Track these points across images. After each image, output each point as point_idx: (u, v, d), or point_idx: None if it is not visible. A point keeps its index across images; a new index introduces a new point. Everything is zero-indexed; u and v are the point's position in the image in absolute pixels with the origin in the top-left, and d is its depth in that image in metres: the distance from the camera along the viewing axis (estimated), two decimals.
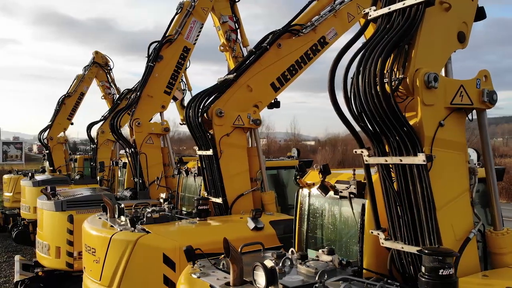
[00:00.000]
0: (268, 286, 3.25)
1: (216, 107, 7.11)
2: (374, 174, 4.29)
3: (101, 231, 6.31)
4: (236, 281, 3.65)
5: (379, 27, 4.08)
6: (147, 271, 5.74)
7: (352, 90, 3.82)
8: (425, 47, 3.85)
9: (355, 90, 3.79)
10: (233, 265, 3.66)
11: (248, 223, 6.30)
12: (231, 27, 11.20)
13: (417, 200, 3.78)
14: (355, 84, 3.79)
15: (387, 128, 3.74)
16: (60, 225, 8.89)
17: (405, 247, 3.95)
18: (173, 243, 5.75)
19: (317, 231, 5.21)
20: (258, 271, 3.35)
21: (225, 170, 7.16)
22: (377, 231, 4.18)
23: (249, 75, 7.43)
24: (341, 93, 4.00)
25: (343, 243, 4.94)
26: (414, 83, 3.74)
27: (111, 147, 16.61)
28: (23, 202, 15.49)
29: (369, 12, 4.22)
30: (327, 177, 4.83)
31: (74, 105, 19.55)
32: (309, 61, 7.96)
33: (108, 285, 5.96)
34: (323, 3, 8.11)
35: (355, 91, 3.79)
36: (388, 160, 3.90)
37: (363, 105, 3.75)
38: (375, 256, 4.42)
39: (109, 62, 19.58)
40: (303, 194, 5.29)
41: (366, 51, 3.85)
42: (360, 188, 4.48)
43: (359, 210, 4.52)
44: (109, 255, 5.94)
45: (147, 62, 10.57)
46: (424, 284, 3.26)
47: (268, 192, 7.55)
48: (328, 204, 5.08)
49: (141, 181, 10.10)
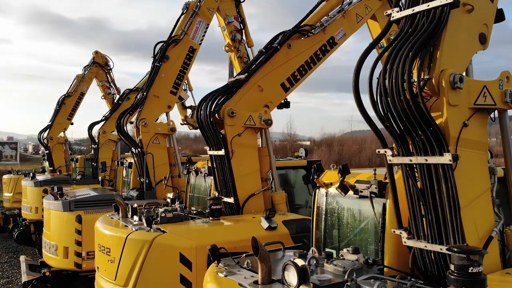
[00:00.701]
0: (300, 285, 3.29)
1: (228, 107, 7.14)
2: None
3: (116, 231, 6.31)
4: (265, 280, 3.68)
5: (403, 28, 4.13)
6: (163, 271, 5.76)
7: (378, 91, 3.86)
8: (450, 48, 3.91)
9: (381, 90, 3.84)
10: (261, 264, 3.69)
11: (262, 222, 6.33)
12: (236, 28, 11.23)
13: (442, 199, 3.83)
14: (381, 85, 3.84)
15: (413, 128, 3.79)
16: (68, 225, 8.88)
17: (428, 245, 4.00)
18: (189, 242, 5.77)
19: (335, 230, 5.25)
20: (289, 270, 3.38)
21: (236, 170, 7.18)
22: (399, 230, 4.23)
23: (260, 75, 7.46)
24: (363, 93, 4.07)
25: (362, 243, 4.99)
26: (440, 84, 3.80)
27: (112, 147, 16.61)
28: (24, 203, 15.43)
29: (391, 13, 4.26)
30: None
31: (74, 105, 19.53)
32: (318, 61, 8.00)
33: (123, 284, 5.97)
34: (332, 3, 8.17)
35: (381, 91, 3.84)
36: (412, 160, 3.95)
37: (390, 105, 3.80)
38: (396, 254, 4.47)
39: (109, 62, 19.58)
40: (321, 194, 5.33)
41: (392, 52, 3.90)
42: (381, 187, 4.52)
43: (379, 209, 4.57)
44: (124, 254, 5.95)
45: (153, 62, 10.59)
46: (454, 282, 3.31)
47: (279, 192, 7.59)
48: (346, 203, 5.12)
49: (147, 181, 10.11)
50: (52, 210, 9.29)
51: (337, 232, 5.27)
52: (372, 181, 4.59)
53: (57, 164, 19.16)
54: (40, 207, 14.64)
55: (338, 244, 5.29)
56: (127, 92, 16.74)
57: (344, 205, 5.15)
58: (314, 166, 5.26)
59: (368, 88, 3.95)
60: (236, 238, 6.07)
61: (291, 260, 3.43)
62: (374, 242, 4.84)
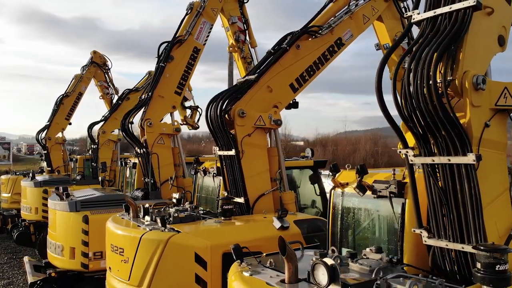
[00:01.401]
0: (330, 284, 3.33)
1: (238, 108, 7.17)
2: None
3: (129, 231, 6.32)
4: (292, 279, 3.72)
5: (424, 30, 4.18)
6: (178, 270, 5.77)
7: (403, 92, 3.92)
8: (471, 50, 3.97)
9: (406, 92, 3.89)
10: (288, 263, 3.73)
11: (274, 222, 6.36)
12: (240, 28, 11.29)
13: (464, 199, 3.89)
14: (406, 86, 3.89)
15: (437, 128, 3.85)
16: (75, 226, 8.86)
17: (449, 244, 4.06)
18: (204, 242, 5.79)
19: (351, 230, 5.30)
20: (318, 269, 3.42)
21: (246, 170, 7.21)
22: (419, 229, 4.29)
23: (269, 76, 7.50)
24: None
25: (379, 242, 5.04)
26: (463, 85, 3.86)
27: (112, 147, 16.56)
28: (24, 203, 15.35)
29: (412, 15, 4.31)
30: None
31: (72, 105, 19.46)
32: (326, 62, 8.06)
33: (137, 284, 5.98)
34: (339, 4, 8.22)
35: (406, 92, 3.89)
36: (435, 160, 4.00)
37: (414, 106, 3.85)
38: (415, 253, 4.53)
39: (107, 62, 19.53)
40: (336, 194, 5.38)
41: (415, 53, 3.96)
42: (400, 187, 4.58)
43: (398, 209, 4.62)
44: (139, 254, 5.96)
45: (158, 62, 10.59)
46: (481, 279, 3.38)
47: (288, 192, 7.63)
48: (362, 203, 5.18)
49: (152, 181, 10.10)
50: (58, 211, 9.27)
51: (353, 231, 5.33)
52: (392, 181, 4.64)
53: (55, 164, 19.07)
54: (40, 207, 14.61)
55: (354, 243, 5.35)
56: (126, 92, 16.71)
57: (360, 205, 5.21)
58: (331, 166, 5.31)
59: (392, 90, 4.01)
60: (249, 237, 6.10)
61: (320, 259, 3.47)
62: (391, 241, 4.89)
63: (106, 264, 6.94)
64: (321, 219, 7.02)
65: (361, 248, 5.20)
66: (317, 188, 9.33)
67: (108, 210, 9.10)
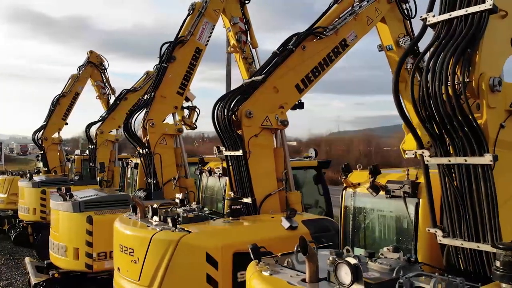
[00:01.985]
0: (353, 283, 3.37)
1: (245, 108, 7.20)
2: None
3: (139, 231, 6.33)
4: (313, 278, 3.76)
5: (440, 32, 4.24)
6: (190, 270, 5.80)
7: (421, 93, 3.98)
8: (487, 52, 4.03)
9: (424, 93, 3.95)
10: (309, 263, 3.77)
11: (283, 222, 6.40)
12: (241, 29, 11.31)
13: (480, 198, 3.96)
14: (424, 87, 3.95)
15: (454, 129, 3.91)
16: (78, 226, 8.84)
17: (464, 243, 4.12)
18: (215, 242, 5.82)
19: (363, 230, 5.36)
20: (341, 268, 3.46)
21: (253, 170, 7.24)
22: (434, 229, 4.35)
23: (275, 77, 7.54)
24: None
25: (391, 242, 5.10)
26: (479, 87, 3.92)
27: (110, 147, 16.50)
28: (21, 204, 15.26)
29: (427, 17, 4.37)
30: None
31: (69, 105, 19.38)
32: (331, 63, 8.11)
33: (148, 285, 5.99)
34: (344, 6, 8.29)
35: (424, 94, 3.95)
36: (451, 161, 4.06)
37: (433, 107, 3.91)
38: (429, 252, 4.61)
39: (104, 61, 19.46)
40: (348, 194, 5.44)
41: (432, 56, 4.02)
42: (414, 187, 4.65)
43: (412, 209, 4.69)
44: (149, 255, 5.97)
45: (160, 62, 10.59)
46: (500, 277, 3.43)
47: (294, 192, 7.67)
48: (373, 203, 5.24)
49: (155, 182, 10.10)
50: (61, 211, 9.24)
51: (365, 231, 5.38)
52: (405, 181, 4.71)
53: (52, 165, 18.98)
54: (38, 208, 14.54)
55: (365, 243, 5.41)
56: (124, 92, 16.69)
57: (372, 205, 5.27)
58: (342, 166, 5.36)
59: (411, 91, 4.07)
60: (259, 237, 6.11)
61: (343, 258, 3.51)
62: (403, 241, 4.96)
63: (114, 264, 6.93)
64: (328, 219, 7.08)
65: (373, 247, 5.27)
66: (321, 188, 9.40)
67: (112, 211, 9.11)
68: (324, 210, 9.34)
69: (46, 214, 14.42)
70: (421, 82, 4.00)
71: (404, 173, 4.94)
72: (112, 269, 8.91)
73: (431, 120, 4.02)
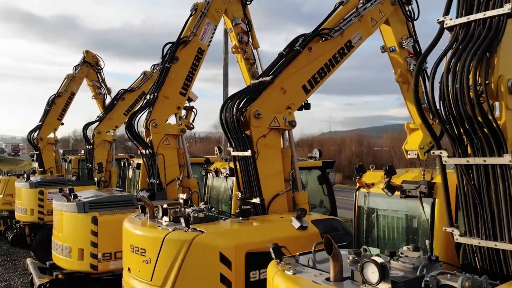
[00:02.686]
0: (380, 281, 3.43)
1: (254, 109, 7.24)
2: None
3: (151, 231, 6.34)
4: (338, 277, 3.82)
5: (457, 35, 4.32)
6: (203, 270, 5.82)
7: (442, 95, 4.05)
8: (505, 55, 4.11)
9: (444, 95, 4.02)
10: (334, 262, 3.82)
11: (293, 222, 6.45)
12: (243, 29, 11.36)
13: (498, 198, 4.04)
14: (444, 89, 4.03)
15: (474, 130, 4.00)
16: (83, 227, 8.81)
17: (482, 242, 4.21)
18: (228, 242, 5.86)
19: (376, 229, 5.43)
20: (368, 267, 3.52)
21: (261, 170, 7.28)
22: (451, 228, 4.43)
23: (283, 77, 7.58)
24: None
25: (404, 241, 5.18)
26: (498, 89, 4.01)
27: (107, 148, 16.44)
28: (18, 204, 15.13)
29: (444, 20, 4.44)
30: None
31: (65, 105, 19.27)
32: (337, 64, 8.18)
33: (160, 285, 5.99)
34: (349, 8, 8.36)
35: (444, 95, 4.03)
36: (470, 161, 4.14)
37: (453, 108, 3.99)
38: (445, 251, 4.70)
39: (100, 61, 19.36)
40: (361, 194, 5.51)
41: (451, 58, 4.10)
42: (430, 187, 4.73)
43: (428, 208, 4.77)
44: (162, 255, 5.98)
45: (163, 63, 10.59)
46: None
47: (301, 192, 7.72)
48: (387, 203, 5.31)
49: (158, 182, 10.10)
50: (65, 212, 9.20)
51: (378, 231, 5.46)
52: (421, 181, 4.79)
53: (47, 165, 18.84)
54: (36, 209, 14.43)
55: (379, 243, 5.48)
56: (122, 92, 16.65)
57: (386, 205, 5.34)
58: (357, 166, 5.43)
59: (430, 94, 4.14)
60: (271, 237, 6.16)
61: (370, 258, 3.57)
62: (418, 240, 5.04)
63: (123, 265, 6.92)
64: (336, 219, 7.15)
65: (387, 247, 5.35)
66: (325, 188, 9.47)
67: (116, 211, 9.09)
68: (328, 210, 9.41)
69: (43, 215, 14.34)
70: (441, 84, 4.07)
71: (416, 173, 5.02)
72: (116, 269, 8.94)
73: (451, 121, 4.09)
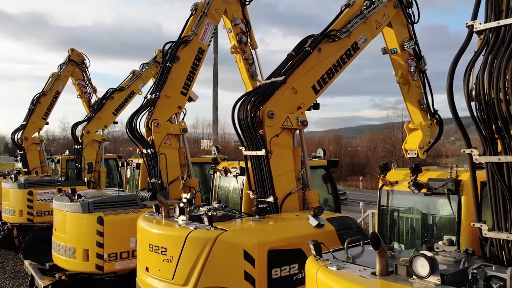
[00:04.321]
0: (431, 274, 3.58)
1: (268, 109, 7.33)
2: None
3: (172, 230, 6.35)
4: (384, 272, 3.95)
5: (488, 39, 4.51)
6: (227, 268, 5.88)
7: (478, 96, 4.24)
8: None
9: (480, 96, 4.21)
10: (380, 257, 3.95)
11: (310, 220, 6.58)
12: (242, 30, 11.45)
13: None
14: (480, 91, 4.21)
15: (507, 130, 4.19)
16: (89, 227, 8.71)
17: (510, 236, 4.42)
18: (252, 239, 5.93)
19: (399, 226, 5.60)
20: (417, 261, 3.66)
21: (274, 169, 7.38)
22: (479, 223, 4.63)
23: (294, 78, 7.70)
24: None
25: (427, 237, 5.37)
26: None
27: (96, 147, 16.24)
28: (6, 206, 14.77)
29: (474, 24, 4.63)
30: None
31: (50, 104, 18.92)
32: (344, 65, 8.35)
33: (183, 283, 6.02)
34: (354, 10, 8.55)
35: (480, 97, 4.21)
36: (501, 159, 4.34)
37: (489, 109, 4.17)
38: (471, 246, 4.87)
39: (85, 60, 19.12)
40: (385, 192, 5.67)
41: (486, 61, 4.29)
42: (457, 185, 4.92)
43: (455, 205, 4.96)
44: (184, 253, 6.01)
45: (164, 62, 10.57)
46: None
47: (312, 190, 7.85)
48: (410, 200, 5.49)
49: (160, 182, 10.07)
50: (68, 212, 9.07)
51: (400, 227, 5.63)
52: (449, 179, 4.97)
53: (32, 165, 18.46)
54: (25, 210, 14.13)
55: (402, 239, 5.65)
56: (111, 91, 16.47)
57: (409, 202, 5.52)
58: (381, 165, 5.59)
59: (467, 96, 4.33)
60: (291, 235, 6.33)
61: (419, 252, 3.72)
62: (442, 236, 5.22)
63: (139, 264, 6.91)
64: (348, 217, 7.30)
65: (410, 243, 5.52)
66: (330, 187, 9.64)
67: (121, 211, 9.03)
68: (333, 208, 9.58)
69: (33, 216, 14.08)
70: (477, 86, 4.26)
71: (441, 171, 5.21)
72: (122, 270, 8.90)
73: (485, 121, 4.28)
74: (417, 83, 9.48)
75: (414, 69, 9.34)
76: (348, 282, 3.88)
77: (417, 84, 9.49)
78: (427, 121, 9.53)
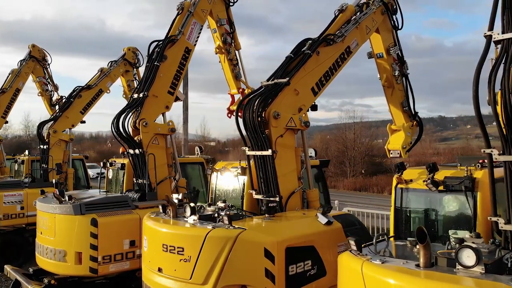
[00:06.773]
0: (477, 264, 3.90)
1: (273, 110, 7.49)
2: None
3: (189, 230, 6.37)
4: (428, 263, 4.23)
5: (507, 48, 4.92)
6: (248, 265, 5.99)
7: (503, 102, 4.62)
8: None
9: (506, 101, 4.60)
10: (424, 250, 4.23)
11: (320, 218, 6.81)
12: (226, 30, 11.54)
13: None
14: (507, 96, 4.60)
15: None
16: (81, 229, 8.49)
17: None
18: (271, 238, 6.08)
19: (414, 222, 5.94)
20: (463, 252, 3.97)
21: (279, 169, 7.55)
22: (495, 217, 5.04)
23: (296, 79, 7.91)
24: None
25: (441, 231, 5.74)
26: None
27: (63, 147, 15.70)
28: None
29: (492, 35, 5.03)
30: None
31: (9, 102, 18.07)
32: (338, 68, 8.66)
33: (202, 282, 6.07)
34: (347, 15, 8.89)
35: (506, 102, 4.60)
36: None
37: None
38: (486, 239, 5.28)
39: (47, 56, 18.46)
40: (399, 190, 6.00)
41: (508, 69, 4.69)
42: (473, 182, 5.31)
43: (471, 201, 5.35)
44: (204, 252, 6.06)
45: (150, 61, 10.45)
46: None
47: (313, 189, 8.09)
48: (425, 197, 5.85)
49: (148, 183, 9.94)
50: (58, 214, 8.78)
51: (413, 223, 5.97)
52: (465, 177, 5.35)
53: None
54: None
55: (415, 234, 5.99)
56: (78, 90, 16.00)
57: (424, 199, 5.87)
58: (398, 164, 5.90)
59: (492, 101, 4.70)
60: (304, 232, 6.55)
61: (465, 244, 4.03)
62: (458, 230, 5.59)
63: (149, 265, 6.85)
64: (351, 215, 7.63)
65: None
66: (321, 185, 9.92)
67: (113, 212, 8.88)
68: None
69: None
70: (503, 91, 4.64)
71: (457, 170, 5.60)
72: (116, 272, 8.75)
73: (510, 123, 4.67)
74: (400, 86, 9.96)
75: (398, 73, 9.81)
76: (401, 275, 4.12)
77: (400, 87, 9.97)
78: (409, 123, 10.05)
